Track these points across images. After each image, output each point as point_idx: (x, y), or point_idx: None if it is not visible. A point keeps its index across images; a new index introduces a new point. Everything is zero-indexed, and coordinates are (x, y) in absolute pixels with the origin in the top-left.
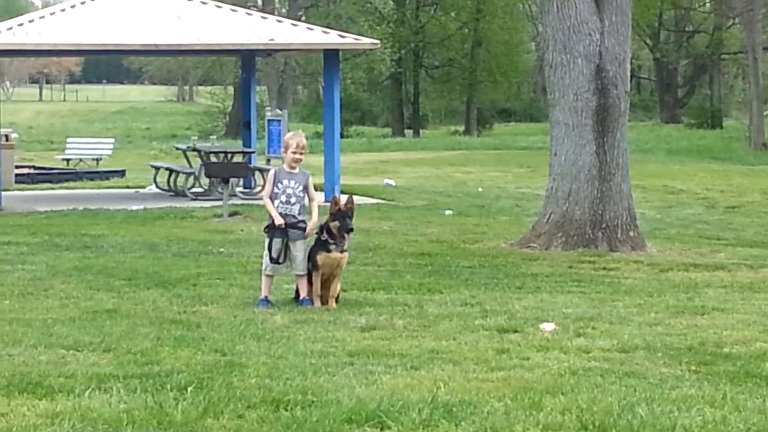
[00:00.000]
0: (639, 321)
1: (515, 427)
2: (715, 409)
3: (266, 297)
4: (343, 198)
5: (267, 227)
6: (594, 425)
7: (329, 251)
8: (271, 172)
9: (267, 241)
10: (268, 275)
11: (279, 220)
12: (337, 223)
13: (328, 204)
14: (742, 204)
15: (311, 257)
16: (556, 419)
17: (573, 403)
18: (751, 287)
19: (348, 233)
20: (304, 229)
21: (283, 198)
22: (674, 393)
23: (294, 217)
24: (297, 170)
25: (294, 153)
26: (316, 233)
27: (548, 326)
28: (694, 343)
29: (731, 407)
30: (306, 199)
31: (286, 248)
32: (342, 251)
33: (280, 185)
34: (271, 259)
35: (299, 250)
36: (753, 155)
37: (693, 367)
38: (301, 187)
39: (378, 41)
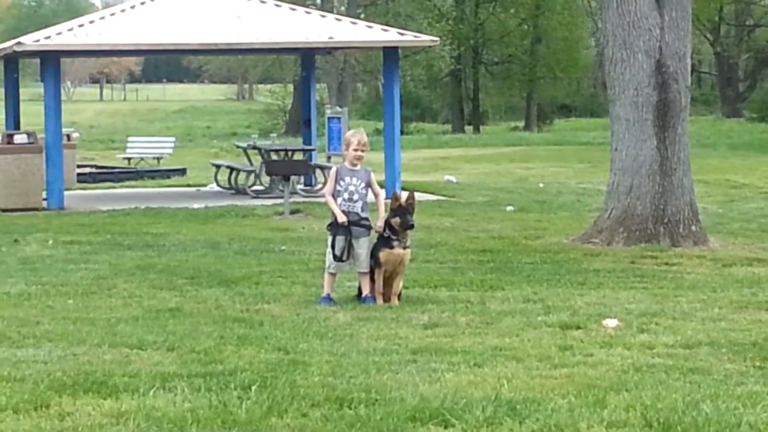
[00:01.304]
0: (702, 316)
1: (579, 425)
2: None
3: (329, 295)
4: (404, 194)
5: (330, 225)
6: (658, 422)
7: (392, 247)
8: (333, 170)
9: (330, 238)
10: (331, 273)
11: (342, 218)
12: (398, 219)
13: (389, 201)
14: None
15: (374, 254)
16: (621, 416)
17: (637, 400)
18: None
19: (409, 229)
20: (368, 227)
21: (346, 195)
22: (739, 389)
23: (357, 214)
24: (359, 167)
25: (356, 150)
26: (377, 230)
27: (611, 322)
28: (758, 339)
29: None
30: (369, 196)
31: (349, 246)
32: (404, 247)
33: (342, 183)
34: (334, 257)
35: (362, 247)
36: None
37: (758, 363)
38: (363, 184)
39: (437, 38)
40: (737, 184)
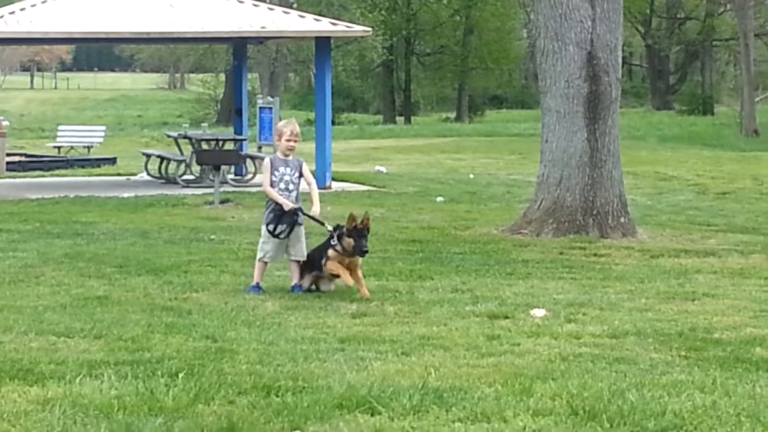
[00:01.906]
0: (629, 307)
1: (506, 413)
2: (705, 395)
3: (258, 284)
4: (359, 216)
5: (272, 213)
6: (584, 411)
7: (342, 256)
8: (267, 162)
9: (269, 227)
10: (263, 262)
11: (289, 205)
12: (352, 241)
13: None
14: (732, 190)
15: (323, 255)
16: (547, 405)
17: (563, 388)
18: (741, 273)
19: (361, 255)
20: (300, 214)
21: (282, 186)
22: (664, 378)
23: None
24: (290, 157)
25: (288, 141)
26: (329, 234)
27: (539, 312)
28: (684, 329)
29: (721, 392)
30: (301, 185)
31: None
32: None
33: (276, 173)
34: (276, 235)
35: (299, 236)
36: (744, 141)
37: (683, 353)
38: (296, 174)
39: (370, 29)
40: (666, 176)
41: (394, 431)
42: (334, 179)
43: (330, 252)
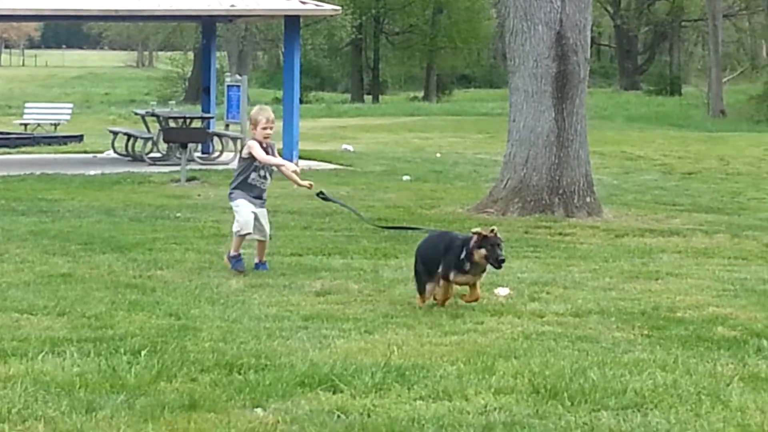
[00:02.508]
0: (593, 286)
1: (467, 391)
2: (666, 373)
3: (239, 254)
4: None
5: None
6: (546, 389)
7: (465, 272)
8: (252, 141)
9: (242, 204)
10: (241, 235)
11: (291, 166)
12: (483, 251)
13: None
14: (698, 170)
15: (447, 267)
16: (509, 383)
17: (525, 366)
18: (705, 253)
19: (499, 265)
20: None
21: (262, 172)
22: (626, 357)
23: (264, 191)
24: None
25: (264, 128)
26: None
27: (503, 291)
28: (647, 308)
29: (682, 371)
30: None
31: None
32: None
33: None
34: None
35: (264, 217)
36: (711, 122)
37: (645, 332)
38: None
39: (339, 8)
40: (633, 156)
41: (355, 409)
42: (301, 158)
43: (451, 273)
